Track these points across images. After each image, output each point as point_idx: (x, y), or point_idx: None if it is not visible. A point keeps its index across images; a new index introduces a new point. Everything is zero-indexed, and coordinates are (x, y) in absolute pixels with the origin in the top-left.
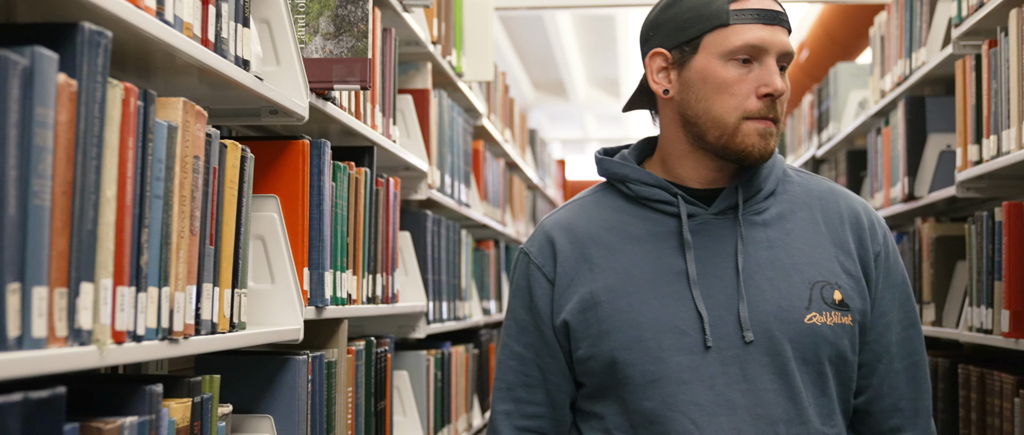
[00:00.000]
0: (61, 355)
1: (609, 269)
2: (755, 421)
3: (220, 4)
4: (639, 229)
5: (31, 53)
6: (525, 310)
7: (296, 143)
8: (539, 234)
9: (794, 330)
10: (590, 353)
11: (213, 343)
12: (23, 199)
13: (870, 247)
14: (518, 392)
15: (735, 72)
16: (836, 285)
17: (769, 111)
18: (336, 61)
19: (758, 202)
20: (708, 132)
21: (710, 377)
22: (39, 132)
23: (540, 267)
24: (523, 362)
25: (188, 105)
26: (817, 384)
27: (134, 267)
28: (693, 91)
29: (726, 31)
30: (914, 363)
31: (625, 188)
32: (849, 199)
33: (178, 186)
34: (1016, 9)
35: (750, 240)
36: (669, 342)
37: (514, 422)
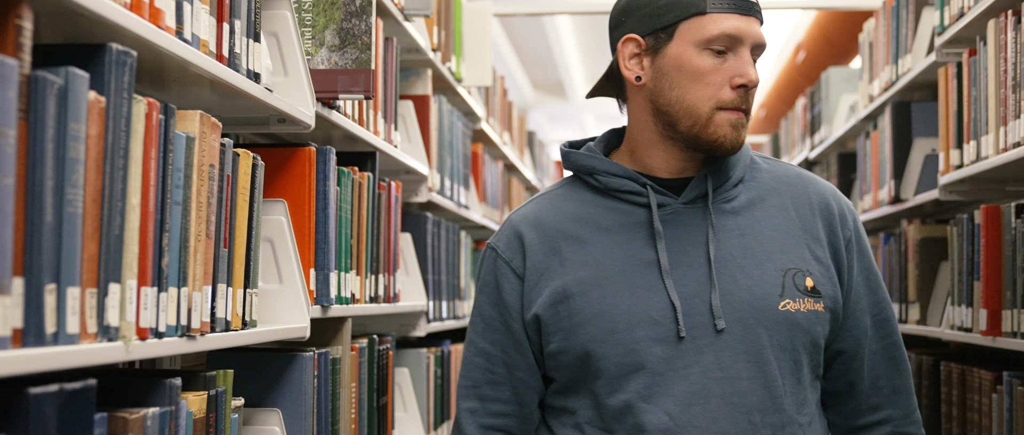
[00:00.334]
0: (92, 350)
1: (580, 262)
2: (730, 410)
3: (233, 21)
4: (609, 220)
5: (65, 73)
6: (492, 306)
7: (303, 150)
8: (506, 229)
9: (769, 318)
10: (562, 347)
11: (227, 340)
12: (58, 207)
13: (841, 233)
14: (483, 389)
15: (710, 61)
16: (808, 272)
17: (742, 102)
18: (341, 72)
19: (727, 190)
20: (680, 121)
21: (685, 367)
22: (72, 145)
23: (508, 262)
24: (489, 359)
25: (204, 117)
26: (793, 372)
27: (156, 269)
28: (667, 79)
29: (703, 19)
30: (890, 343)
31: (593, 180)
32: (818, 185)
33: (195, 193)
34: (994, 20)
35: (721, 228)
36: (643, 333)
37: (479, 420)
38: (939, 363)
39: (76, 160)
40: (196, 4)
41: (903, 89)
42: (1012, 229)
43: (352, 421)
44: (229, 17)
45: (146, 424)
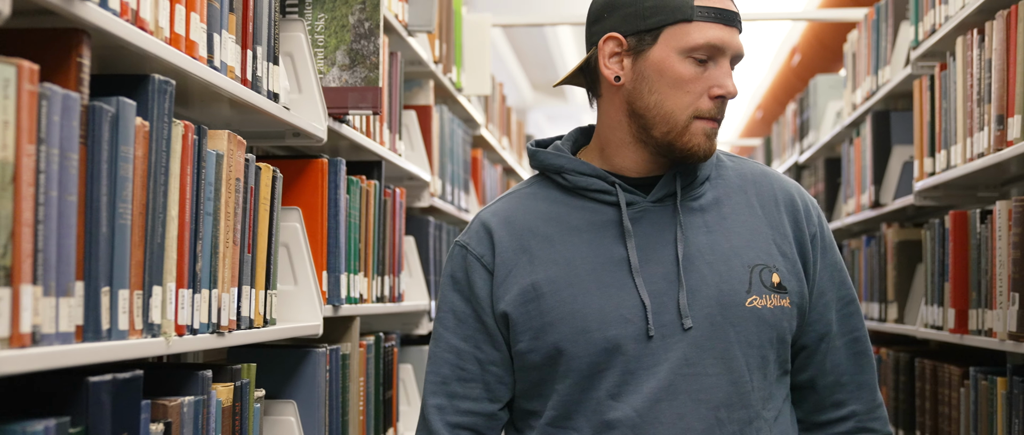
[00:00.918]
0: (139, 344)
1: (549, 260)
2: (696, 406)
3: (255, 47)
4: (578, 220)
5: (116, 102)
6: (465, 302)
7: (316, 162)
8: (475, 225)
9: (736, 314)
10: (531, 346)
11: (251, 336)
12: (111, 219)
13: (805, 229)
14: (453, 386)
15: (692, 70)
16: (774, 268)
17: (718, 112)
18: (351, 90)
19: (694, 188)
20: (656, 126)
21: (654, 365)
22: (123, 165)
23: (479, 258)
24: (460, 355)
25: (232, 136)
26: (760, 367)
27: (191, 272)
28: (647, 83)
29: (688, 27)
30: (854, 338)
31: (561, 179)
32: (782, 181)
33: (224, 204)
34: (961, 37)
35: (689, 226)
36: (615, 332)
37: (446, 417)
38: (915, 360)
39: (126, 178)
40: (224, 34)
41: (883, 99)
42: (977, 234)
43: (360, 412)
44: (252, 44)
45: (182, 411)
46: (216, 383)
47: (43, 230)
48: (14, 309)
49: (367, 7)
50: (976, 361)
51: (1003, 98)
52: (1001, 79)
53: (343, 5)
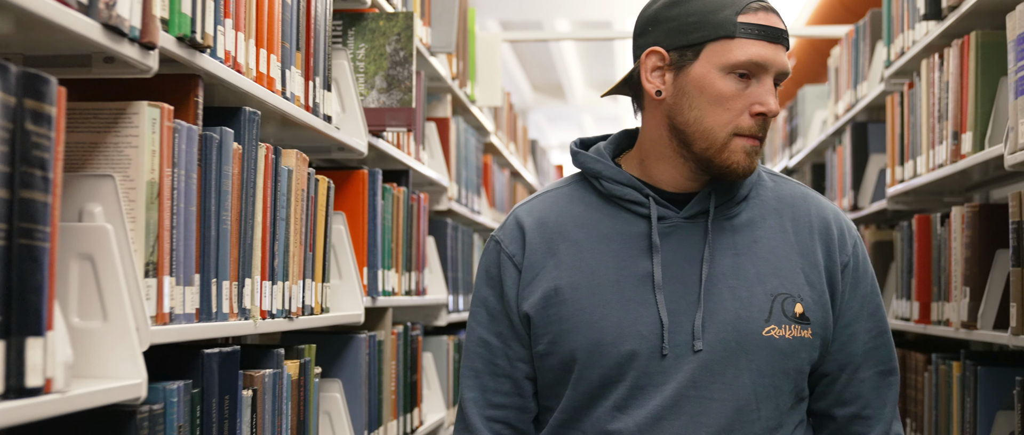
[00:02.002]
0: (236, 325)
1: (574, 266)
2: (696, 428)
3: (315, 78)
4: (609, 228)
5: (220, 131)
6: (497, 298)
7: (358, 172)
8: (511, 222)
9: (751, 342)
10: (549, 350)
11: (312, 321)
12: (218, 225)
13: (837, 258)
14: (485, 380)
15: (733, 86)
16: (798, 298)
17: (759, 130)
18: (388, 110)
19: (730, 207)
20: (695, 142)
21: (663, 383)
22: (225, 182)
23: (511, 256)
24: (491, 350)
25: (299, 154)
26: (771, 397)
27: (271, 268)
28: (687, 98)
29: (730, 43)
30: (880, 372)
31: (598, 184)
32: (820, 207)
33: (293, 211)
34: (926, 59)
35: (717, 247)
36: (629, 347)
37: (482, 411)
38: None
39: (227, 192)
40: (293, 69)
41: (861, 111)
42: (938, 235)
43: (392, 392)
44: (313, 75)
45: (264, 381)
46: (287, 360)
47: (175, 234)
48: (159, 295)
49: (402, 38)
50: (939, 349)
51: (958, 116)
52: (956, 99)
53: (381, 36)
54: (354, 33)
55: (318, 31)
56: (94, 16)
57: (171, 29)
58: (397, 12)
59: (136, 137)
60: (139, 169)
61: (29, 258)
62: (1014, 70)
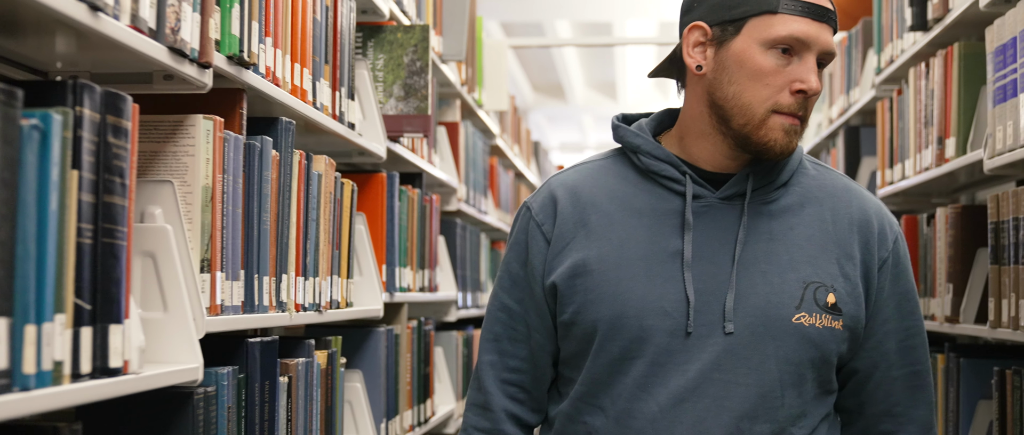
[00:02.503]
0: (275, 317)
1: (605, 239)
2: (719, 412)
3: (341, 88)
4: (642, 203)
5: (261, 140)
6: (520, 265)
7: (377, 176)
8: (544, 191)
9: (779, 328)
10: (573, 319)
11: (338, 315)
12: (259, 225)
13: (876, 253)
14: (504, 344)
15: (773, 62)
16: (831, 288)
17: (799, 108)
18: (405, 117)
19: (768, 192)
20: (734, 118)
21: (685, 363)
22: (265, 186)
23: (540, 225)
24: (511, 316)
25: (328, 160)
26: (795, 384)
27: (304, 264)
28: (727, 73)
29: (773, 18)
30: (914, 372)
31: (636, 159)
32: (862, 200)
33: (322, 213)
34: (913, 68)
35: (753, 230)
36: (651, 322)
37: (498, 373)
38: None
39: (266, 195)
40: (322, 81)
41: (854, 115)
42: (924, 234)
43: (408, 383)
44: (339, 86)
45: (298, 369)
46: (316, 351)
47: (225, 234)
48: (212, 289)
49: (419, 49)
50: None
51: (942, 122)
52: (940, 106)
53: (399, 48)
54: (373, 44)
55: (343, 44)
56: (161, 40)
57: (222, 48)
58: (414, 25)
59: (192, 146)
60: (195, 175)
61: (111, 254)
62: (992, 80)
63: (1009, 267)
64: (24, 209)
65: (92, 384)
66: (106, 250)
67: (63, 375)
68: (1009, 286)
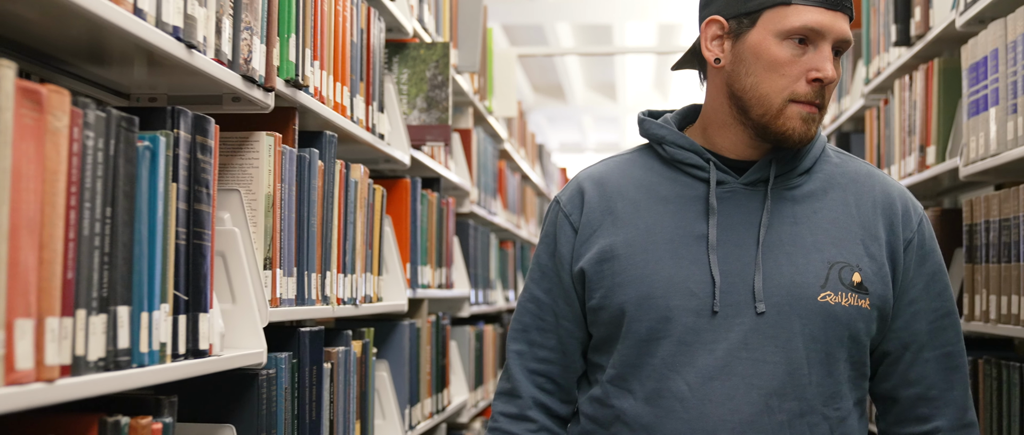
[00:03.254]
0: (321, 309)
1: (631, 225)
2: (748, 390)
3: (373, 102)
4: (668, 190)
5: (309, 151)
6: (549, 256)
7: (402, 181)
8: (573, 184)
9: (805, 306)
10: (602, 304)
11: (372, 308)
12: (308, 228)
13: (901, 234)
14: (532, 334)
15: (789, 52)
16: (857, 267)
17: (816, 97)
18: (427, 127)
19: (792, 178)
20: (752, 108)
21: (712, 342)
22: (313, 193)
23: (568, 216)
24: (540, 306)
25: (364, 169)
26: (823, 363)
27: (343, 263)
28: (744, 65)
29: (787, 10)
30: (947, 353)
31: (661, 150)
32: (885, 184)
33: (358, 216)
34: (898, 80)
35: (776, 214)
36: (677, 302)
37: (526, 363)
38: None
39: (314, 201)
40: (358, 97)
41: (846, 121)
42: None
43: (428, 374)
44: (371, 100)
45: (339, 357)
46: (353, 341)
47: (283, 235)
48: (273, 283)
49: (440, 65)
50: None
51: (923, 131)
52: (922, 117)
53: (421, 63)
54: (398, 60)
55: (375, 62)
56: (236, 69)
57: (281, 73)
58: (435, 42)
59: (257, 159)
60: (259, 184)
61: (199, 253)
62: (967, 95)
63: (982, 266)
64: (139, 216)
65: (187, 363)
66: (196, 250)
67: (166, 355)
68: (982, 283)
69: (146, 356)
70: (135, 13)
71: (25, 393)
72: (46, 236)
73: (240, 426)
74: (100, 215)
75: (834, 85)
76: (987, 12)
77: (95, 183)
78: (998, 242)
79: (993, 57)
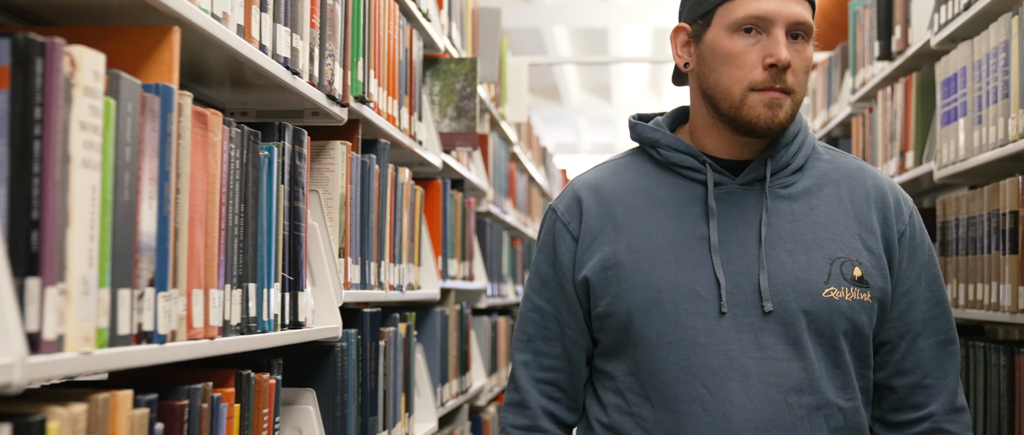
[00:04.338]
0: (378, 293)
1: (632, 230)
2: (767, 388)
3: (414, 113)
4: (665, 194)
5: (369, 157)
6: (549, 265)
7: (435, 182)
8: (568, 192)
9: (810, 303)
10: (608, 310)
11: (414, 295)
12: (367, 223)
13: (894, 226)
14: (537, 344)
15: (741, 44)
16: (856, 262)
17: (775, 81)
18: (457, 134)
19: (785, 176)
20: (720, 103)
21: (723, 343)
22: (371, 194)
23: (566, 224)
24: (543, 315)
25: (409, 172)
26: (831, 356)
27: (394, 254)
28: (706, 64)
29: (734, 4)
30: (940, 342)
31: (655, 153)
32: (876, 178)
33: (404, 213)
34: (882, 90)
35: (774, 212)
36: (685, 305)
37: (532, 373)
38: None
39: (372, 200)
40: (404, 108)
41: (835, 127)
42: None
43: (454, 357)
44: (413, 111)
45: (390, 336)
46: (400, 323)
47: (352, 229)
48: (345, 270)
49: (468, 78)
50: None
51: (903, 138)
52: (902, 125)
53: (451, 76)
54: (431, 73)
55: (416, 77)
56: (322, 89)
57: (352, 91)
58: (464, 58)
59: (333, 164)
60: (334, 186)
61: (297, 242)
62: (941, 106)
63: (953, 258)
64: (261, 211)
65: (291, 332)
66: (295, 239)
67: (277, 324)
68: (953, 273)
69: (267, 324)
70: (260, 49)
71: (198, 346)
72: (209, 226)
73: (319, 390)
74: (238, 210)
75: (800, 68)
76: (959, 33)
77: (234, 185)
78: (966, 237)
79: (962, 74)
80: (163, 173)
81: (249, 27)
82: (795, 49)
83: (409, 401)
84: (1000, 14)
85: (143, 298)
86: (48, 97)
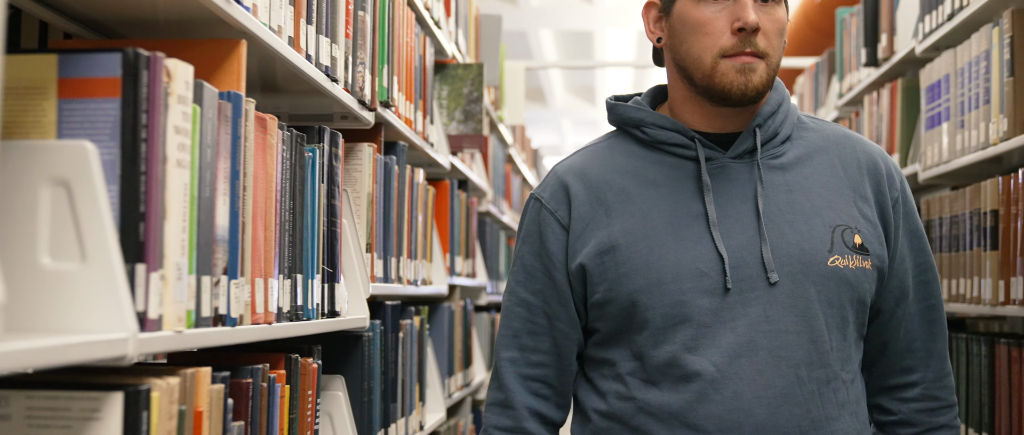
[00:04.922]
0: (398, 287)
1: (626, 213)
2: (777, 363)
3: (428, 116)
4: (655, 173)
5: (390, 158)
6: (535, 256)
7: (444, 183)
8: (551, 180)
9: (818, 273)
10: (608, 296)
11: (428, 289)
12: (388, 221)
13: (888, 193)
14: (524, 339)
15: (708, 11)
16: (856, 229)
17: (745, 45)
18: (464, 137)
19: (775, 146)
20: (693, 74)
21: (731, 319)
22: (391, 193)
23: (553, 212)
24: (530, 309)
25: (423, 172)
26: (839, 328)
27: (411, 250)
28: (676, 36)
29: None
30: (929, 306)
31: (640, 133)
32: (865, 145)
33: (419, 212)
34: (867, 95)
35: (769, 184)
36: (689, 284)
37: (519, 370)
38: None
39: (392, 199)
40: (419, 112)
41: None
42: None
43: (459, 352)
44: (427, 114)
45: (408, 328)
46: (416, 316)
47: (377, 226)
48: (371, 265)
49: (475, 83)
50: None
51: (889, 141)
52: (888, 128)
53: (459, 81)
54: (439, 78)
55: (429, 82)
56: (354, 95)
57: (379, 96)
58: (471, 63)
59: (360, 165)
60: (362, 185)
61: (334, 237)
62: (925, 111)
63: (937, 255)
64: (305, 208)
65: (330, 321)
66: (332, 234)
67: (319, 313)
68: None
69: (311, 312)
70: (306, 58)
71: (261, 330)
72: (267, 221)
73: (347, 376)
74: (288, 206)
75: (772, 30)
76: (942, 41)
77: (285, 183)
78: (949, 235)
79: (946, 81)
80: (234, 172)
81: (298, 38)
82: (765, 11)
83: (422, 391)
84: (982, 24)
85: (219, 285)
86: (152, 105)
